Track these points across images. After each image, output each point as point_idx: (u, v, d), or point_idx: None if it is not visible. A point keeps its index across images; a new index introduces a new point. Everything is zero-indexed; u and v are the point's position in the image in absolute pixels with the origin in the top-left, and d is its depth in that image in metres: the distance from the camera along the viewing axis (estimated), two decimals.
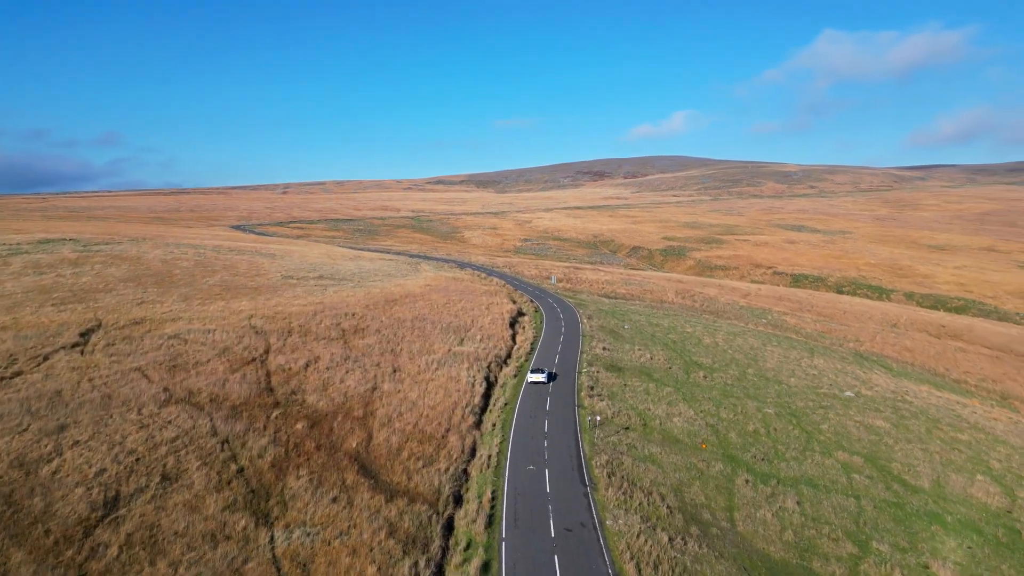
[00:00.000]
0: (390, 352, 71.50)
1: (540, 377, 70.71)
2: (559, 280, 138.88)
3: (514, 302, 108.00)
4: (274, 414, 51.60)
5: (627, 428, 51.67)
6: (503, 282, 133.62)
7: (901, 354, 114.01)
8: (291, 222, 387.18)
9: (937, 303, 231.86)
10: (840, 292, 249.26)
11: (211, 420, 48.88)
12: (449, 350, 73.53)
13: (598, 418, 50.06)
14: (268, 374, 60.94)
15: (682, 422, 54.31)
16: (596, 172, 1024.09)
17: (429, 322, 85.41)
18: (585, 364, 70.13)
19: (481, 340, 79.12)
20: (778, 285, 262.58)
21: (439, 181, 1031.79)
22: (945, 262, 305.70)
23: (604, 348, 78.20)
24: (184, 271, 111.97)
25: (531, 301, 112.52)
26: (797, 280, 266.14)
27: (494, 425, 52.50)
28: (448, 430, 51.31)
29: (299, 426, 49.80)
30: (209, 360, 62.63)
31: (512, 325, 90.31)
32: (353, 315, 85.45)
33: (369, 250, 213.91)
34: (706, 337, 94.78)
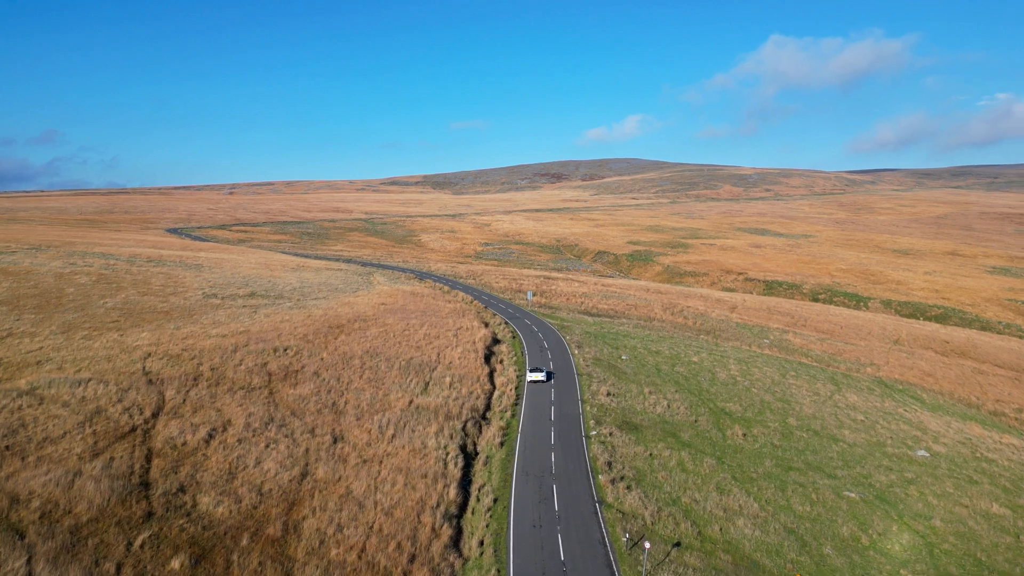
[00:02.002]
0: (331, 408, 53.32)
1: (539, 376, 67.08)
2: (534, 295, 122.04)
3: (486, 325, 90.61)
4: (140, 539, 33.13)
5: (678, 545, 35.15)
6: (470, 297, 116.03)
7: (924, 380, 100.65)
8: (234, 225, 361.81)
9: (916, 311, 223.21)
10: (816, 299, 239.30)
11: (29, 563, 30.24)
12: (410, 402, 55.72)
13: (647, 545, 32.98)
14: (149, 455, 42.24)
15: (750, 527, 38.05)
16: (553, 174, 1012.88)
17: (384, 358, 67.33)
18: (592, 421, 53.24)
19: (451, 384, 61.49)
20: (752, 292, 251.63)
21: (394, 182, 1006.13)
22: (914, 268, 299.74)
23: (608, 393, 61.51)
24: (79, 289, 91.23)
25: (506, 323, 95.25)
26: (771, 287, 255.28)
27: (482, 543, 35.11)
28: (413, 558, 33.64)
29: (176, 564, 31.49)
30: (65, 434, 43.56)
31: (488, 359, 72.88)
32: (286, 350, 66.80)
33: (316, 257, 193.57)
34: (718, 369, 79.09)
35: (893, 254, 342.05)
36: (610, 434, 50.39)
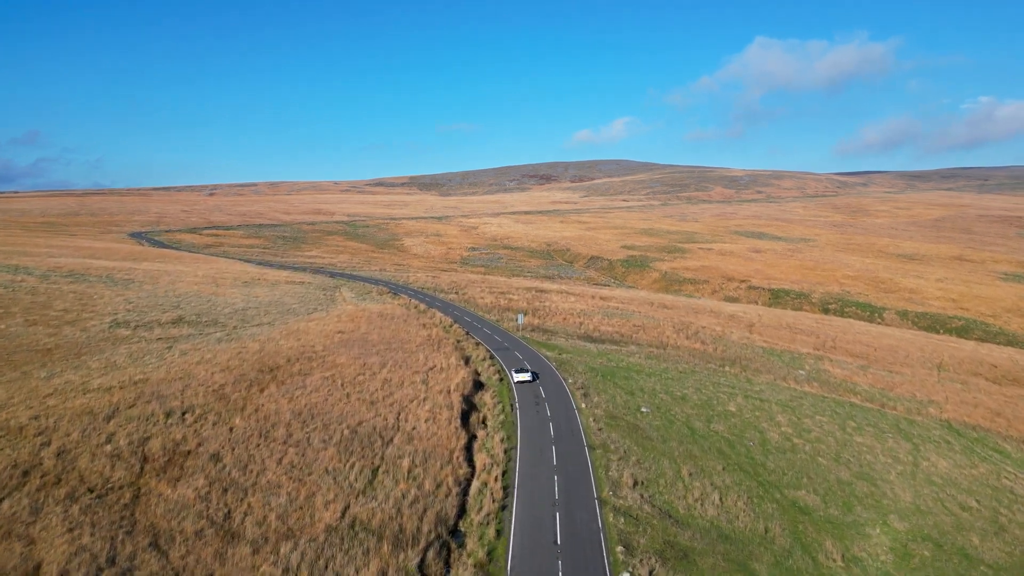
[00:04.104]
0: (218, 528, 34.69)
1: (525, 377, 67.09)
2: (525, 315, 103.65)
3: (466, 361, 72.19)
4: None
5: None
6: (449, 320, 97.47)
7: (994, 423, 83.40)
8: (206, 228, 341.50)
9: (935, 323, 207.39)
10: (827, 310, 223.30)
11: None
12: (345, 510, 37.22)
13: None
14: None
15: None
16: (542, 176, 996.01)
17: (321, 424, 48.70)
18: (619, 547, 34.95)
19: (410, 471, 42.97)
20: (757, 302, 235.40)
21: (380, 183, 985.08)
22: (925, 274, 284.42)
23: (635, 481, 43.33)
24: None
25: (491, 357, 76.75)
26: (777, 296, 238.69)
27: None
28: None
29: None
30: None
31: (466, 417, 54.37)
32: (185, 415, 48.08)
33: (281, 266, 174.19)
34: (764, 422, 61.25)
35: (899, 259, 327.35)
36: (651, 575, 32.24)
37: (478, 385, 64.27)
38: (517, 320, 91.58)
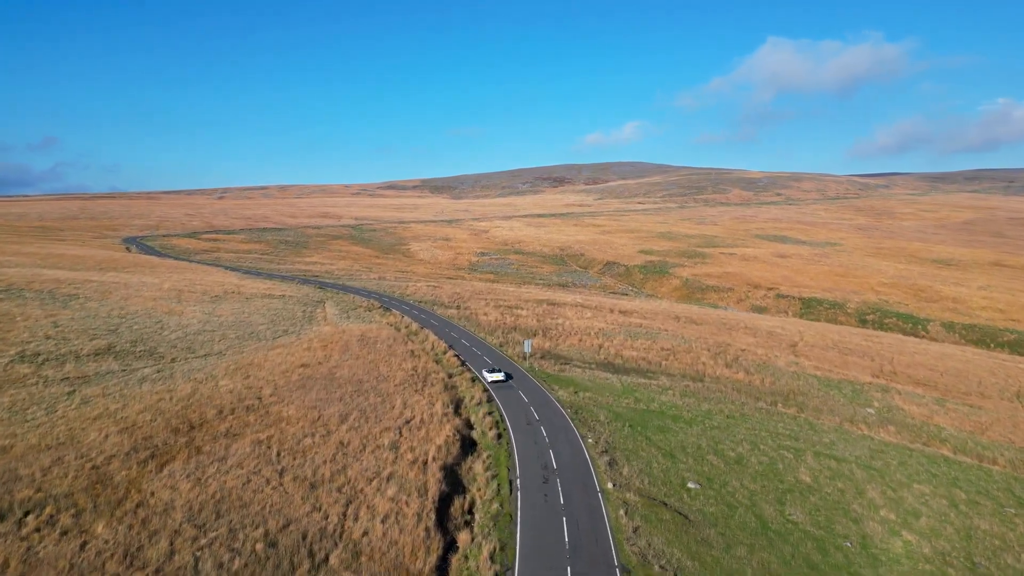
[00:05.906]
0: None
1: (498, 376, 66.57)
2: (535, 337, 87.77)
3: (457, 408, 56.46)
4: None
5: None
6: (444, 345, 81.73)
7: None
8: (206, 232, 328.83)
9: (985, 336, 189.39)
10: (864, 322, 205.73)
11: None
12: None
13: None
14: None
15: None
16: (556, 178, 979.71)
17: (226, 530, 33.06)
18: None
19: None
20: (787, 312, 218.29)
21: (391, 186, 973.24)
22: (965, 281, 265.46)
23: None
24: None
25: (489, 400, 60.79)
26: (808, 305, 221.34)
27: None
28: None
29: None
30: None
31: (444, 507, 38.54)
32: (26, 517, 32.79)
33: (269, 275, 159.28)
34: (856, 505, 45.10)
35: (934, 265, 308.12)
36: None
37: (467, 445, 48.47)
38: (524, 347, 75.89)
